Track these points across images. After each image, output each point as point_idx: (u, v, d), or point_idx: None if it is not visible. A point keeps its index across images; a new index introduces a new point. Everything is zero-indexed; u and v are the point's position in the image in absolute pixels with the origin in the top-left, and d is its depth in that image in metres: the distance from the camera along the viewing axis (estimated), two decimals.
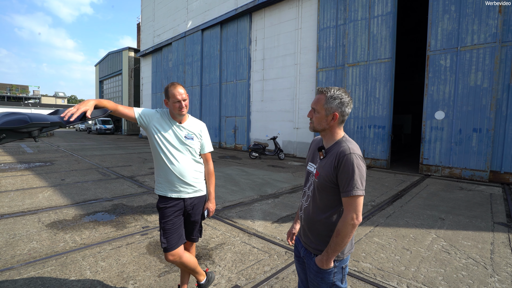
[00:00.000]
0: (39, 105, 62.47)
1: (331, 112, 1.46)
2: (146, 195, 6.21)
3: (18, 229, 4.12)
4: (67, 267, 3.07)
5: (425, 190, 7.07)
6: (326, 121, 1.48)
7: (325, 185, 1.47)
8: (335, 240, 1.40)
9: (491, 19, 8.21)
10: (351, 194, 1.36)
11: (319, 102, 1.48)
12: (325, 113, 1.47)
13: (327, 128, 1.50)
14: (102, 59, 41.57)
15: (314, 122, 1.52)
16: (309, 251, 1.59)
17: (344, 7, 11.61)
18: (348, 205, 1.38)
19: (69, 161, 11.17)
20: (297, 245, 1.75)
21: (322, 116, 1.48)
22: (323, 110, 1.47)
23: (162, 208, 2.26)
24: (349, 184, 1.37)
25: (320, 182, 1.49)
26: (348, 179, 1.37)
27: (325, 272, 1.49)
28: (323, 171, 1.48)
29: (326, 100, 1.45)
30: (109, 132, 34.37)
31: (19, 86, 77.53)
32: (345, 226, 1.37)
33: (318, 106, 1.48)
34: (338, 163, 1.40)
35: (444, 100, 9.16)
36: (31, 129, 1.51)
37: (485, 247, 3.75)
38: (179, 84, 2.22)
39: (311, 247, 1.57)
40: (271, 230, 4.29)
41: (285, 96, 14.40)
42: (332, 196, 1.47)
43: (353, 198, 1.36)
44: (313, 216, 1.55)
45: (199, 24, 19.27)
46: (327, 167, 1.46)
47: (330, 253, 1.43)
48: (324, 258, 1.45)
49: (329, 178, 1.44)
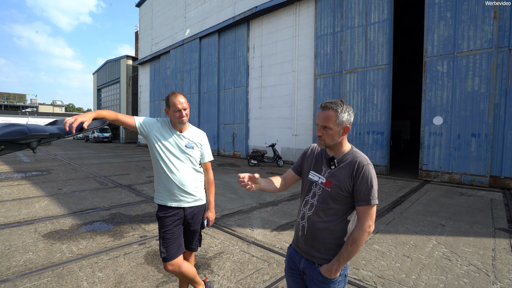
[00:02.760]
0: (36, 113, 62.34)
1: (342, 126, 1.48)
2: (144, 204, 6.16)
3: (14, 240, 4.06)
4: (63, 278, 3.02)
5: (425, 196, 7.05)
6: (339, 135, 1.50)
7: (339, 195, 1.48)
8: (350, 248, 1.42)
9: (487, 25, 8.30)
10: (371, 203, 1.41)
11: (330, 119, 1.47)
12: (338, 129, 1.48)
13: (338, 142, 1.53)
14: (100, 67, 41.70)
15: (326, 139, 1.50)
16: (311, 262, 1.56)
17: (341, 14, 11.73)
18: (366, 214, 1.42)
19: (66, 170, 11.11)
20: (294, 257, 1.68)
21: (335, 132, 1.48)
22: (336, 126, 1.47)
23: (161, 217, 2.23)
24: (369, 193, 1.42)
25: (333, 192, 1.49)
26: (368, 189, 1.42)
27: (331, 281, 1.48)
28: (337, 181, 1.49)
29: (338, 116, 1.46)
30: (107, 140, 34.33)
31: (17, 95, 77.57)
32: (363, 234, 1.40)
33: (331, 123, 1.47)
34: (357, 173, 1.44)
35: (442, 106, 9.20)
36: (29, 140, 1.50)
37: (486, 254, 3.72)
38: (180, 93, 2.22)
39: (315, 257, 1.54)
40: (270, 238, 4.24)
41: (284, 103, 14.44)
42: (342, 205, 1.50)
43: (371, 207, 1.42)
44: (320, 224, 1.53)
45: (197, 32, 19.42)
46: (343, 177, 1.48)
47: (341, 261, 1.44)
48: (334, 267, 1.45)
49: (345, 188, 1.47)
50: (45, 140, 1.59)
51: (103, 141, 34.06)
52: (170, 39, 22.68)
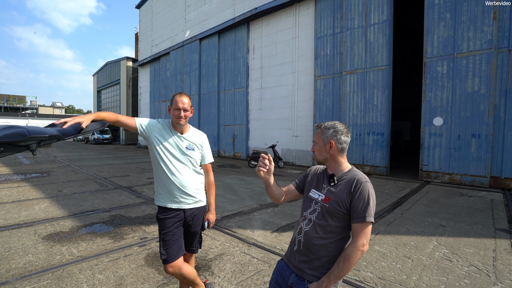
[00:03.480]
0: (36, 115, 62.38)
1: (327, 141, 1.56)
2: (145, 206, 6.15)
3: (14, 242, 4.05)
4: (63, 281, 3.01)
5: (425, 197, 7.04)
6: (325, 150, 1.57)
7: (336, 210, 1.48)
8: (342, 266, 1.39)
9: (486, 26, 8.31)
10: (366, 220, 1.40)
11: (317, 134, 1.62)
12: (322, 143, 1.58)
13: (328, 157, 1.58)
14: (100, 69, 41.73)
15: (316, 154, 1.62)
16: (301, 278, 1.54)
17: (341, 15, 11.75)
18: (360, 231, 1.41)
19: (66, 171, 11.10)
20: (283, 272, 1.65)
21: (321, 147, 1.59)
22: (321, 140, 1.58)
23: (162, 219, 2.22)
24: (365, 211, 1.41)
25: (330, 207, 1.49)
26: (364, 206, 1.42)
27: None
28: (335, 196, 1.50)
29: (322, 131, 1.59)
30: (107, 142, 34.32)
31: (16, 97, 77.65)
32: (356, 252, 1.38)
33: (316, 138, 1.61)
34: (355, 189, 1.45)
35: (442, 106, 9.20)
36: (29, 142, 1.49)
37: (487, 254, 3.71)
38: (186, 94, 2.23)
39: (306, 273, 1.52)
40: (271, 240, 4.23)
41: (284, 104, 14.45)
42: (339, 222, 1.49)
43: (366, 224, 1.41)
44: (316, 240, 1.52)
45: (197, 33, 19.45)
46: (342, 193, 1.48)
47: (332, 279, 1.41)
48: (323, 285, 1.42)
49: (343, 203, 1.47)
50: (44, 142, 1.58)
51: (103, 142, 34.05)
52: (170, 41, 22.71)
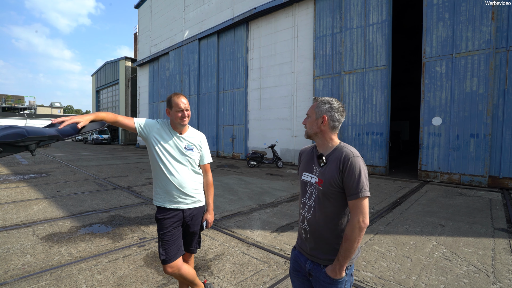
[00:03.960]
0: (35, 115, 62.21)
1: (320, 115, 1.53)
2: (144, 206, 6.14)
3: (12, 243, 4.04)
4: (62, 281, 3.00)
5: (424, 197, 7.05)
6: (317, 124, 1.54)
7: (331, 191, 1.46)
8: (345, 246, 1.39)
9: (485, 26, 8.33)
10: (359, 196, 1.38)
11: (311, 107, 1.58)
12: (315, 117, 1.54)
13: (318, 132, 1.55)
14: (98, 69, 41.64)
15: (307, 127, 1.60)
16: (316, 264, 1.55)
17: (340, 15, 11.76)
18: (355, 208, 1.39)
19: (65, 172, 11.07)
20: (298, 259, 1.68)
21: (313, 120, 1.55)
22: (314, 113, 1.55)
23: (160, 219, 2.22)
24: (357, 186, 1.39)
25: (325, 190, 1.48)
26: (355, 182, 1.39)
27: (338, 282, 1.46)
28: (326, 177, 1.48)
29: (317, 105, 1.55)
30: (105, 142, 34.24)
31: (15, 97, 77.43)
32: (353, 230, 1.37)
33: (310, 111, 1.58)
34: (343, 167, 1.42)
35: (441, 106, 9.22)
36: (28, 143, 1.49)
37: (486, 254, 3.72)
38: (182, 94, 2.24)
39: (320, 258, 1.53)
40: (270, 240, 4.23)
41: (283, 104, 14.45)
42: (338, 202, 1.48)
43: (360, 200, 1.38)
44: (321, 225, 1.52)
45: (196, 33, 19.44)
46: (332, 172, 1.46)
47: (341, 260, 1.41)
48: (337, 268, 1.43)
49: (335, 183, 1.45)
50: (43, 143, 1.58)
51: (101, 143, 33.97)
52: (169, 41, 22.68)
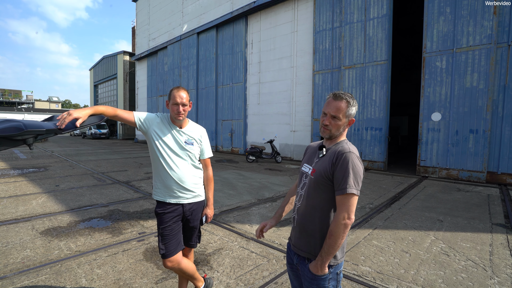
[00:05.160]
0: (32, 110, 61.88)
1: (350, 118, 1.50)
2: (143, 201, 6.14)
3: (11, 237, 4.03)
4: (61, 275, 3.00)
5: (422, 192, 7.07)
6: (344, 127, 1.51)
7: (320, 181, 1.46)
8: (328, 242, 1.37)
9: (486, 20, 8.28)
10: (346, 192, 1.35)
11: (341, 110, 1.47)
12: (345, 120, 1.50)
13: (342, 132, 1.54)
14: (96, 63, 41.38)
15: (332, 129, 1.50)
16: (302, 258, 1.55)
17: (340, 9, 11.67)
18: (341, 204, 1.37)
19: (63, 166, 11.05)
20: (289, 252, 1.70)
21: (343, 123, 1.50)
22: (345, 117, 1.49)
23: (160, 213, 2.21)
24: (344, 182, 1.36)
25: (315, 179, 1.48)
26: (344, 177, 1.37)
27: (320, 278, 1.45)
28: (320, 167, 1.48)
29: (348, 107, 1.48)
30: (104, 137, 34.18)
31: (12, 91, 76.90)
32: (337, 226, 1.35)
33: (341, 114, 1.47)
34: (336, 160, 1.41)
35: (440, 102, 9.20)
36: (26, 136, 1.48)
37: (484, 249, 3.74)
38: (184, 89, 2.20)
39: (303, 251, 1.53)
40: (269, 235, 4.24)
41: (282, 99, 14.40)
42: (326, 194, 1.46)
43: (347, 196, 1.36)
44: (306, 215, 1.52)
45: (194, 27, 19.27)
46: (325, 163, 1.47)
47: (324, 256, 1.39)
48: (318, 263, 1.41)
49: (326, 174, 1.44)
50: (41, 136, 1.57)
51: (100, 137, 33.90)
52: (167, 35, 22.50)
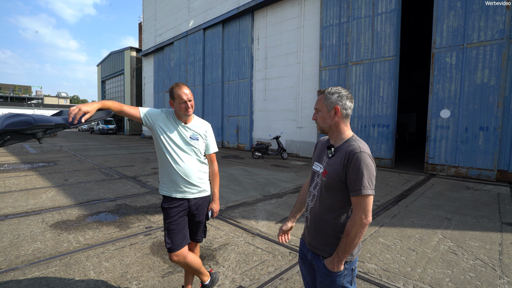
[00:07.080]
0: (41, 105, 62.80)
1: (332, 106, 1.48)
2: (149, 195, 6.19)
3: (22, 230, 4.11)
4: (71, 268, 3.05)
5: (430, 190, 6.99)
6: (330, 117, 1.49)
7: (333, 184, 1.44)
8: (345, 241, 1.38)
9: (499, 15, 8.09)
10: (361, 193, 1.33)
11: (319, 101, 1.52)
12: (326, 109, 1.49)
13: (332, 125, 1.50)
14: (104, 59, 41.68)
15: (319, 122, 1.54)
16: (317, 254, 1.56)
17: (347, 4, 11.51)
18: (357, 205, 1.36)
19: (72, 161, 11.20)
20: (303, 248, 1.71)
21: (325, 113, 1.50)
22: (324, 107, 1.50)
23: (166, 208, 2.23)
24: (359, 183, 1.34)
25: (328, 181, 1.46)
26: (358, 178, 1.35)
27: (335, 275, 1.46)
28: (331, 169, 1.46)
29: (325, 97, 1.49)
30: (111, 132, 34.49)
31: (22, 87, 78.14)
32: (354, 226, 1.35)
33: (319, 105, 1.52)
34: (348, 162, 1.38)
35: (449, 98, 9.05)
36: (35, 130, 1.50)
37: (493, 248, 3.69)
38: (184, 84, 2.19)
39: (318, 249, 1.54)
40: (275, 231, 4.25)
41: (288, 95, 14.33)
42: (340, 195, 1.45)
43: (362, 197, 1.34)
44: (320, 216, 1.52)
45: (200, 23, 19.24)
46: (336, 165, 1.43)
47: (340, 254, 1.40)
48: (335, 260, 1.42)
49: (338, 176, 1.42)
50: (50, 131, 1.59)
51: (107, 132, 34.22)
52: (174, 30, 22.52)
